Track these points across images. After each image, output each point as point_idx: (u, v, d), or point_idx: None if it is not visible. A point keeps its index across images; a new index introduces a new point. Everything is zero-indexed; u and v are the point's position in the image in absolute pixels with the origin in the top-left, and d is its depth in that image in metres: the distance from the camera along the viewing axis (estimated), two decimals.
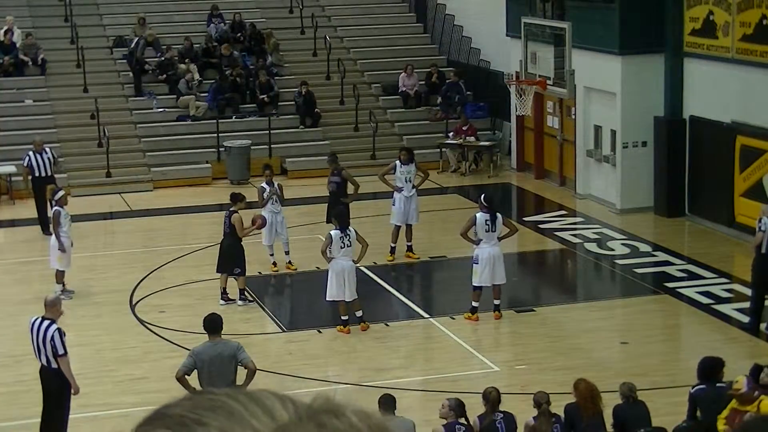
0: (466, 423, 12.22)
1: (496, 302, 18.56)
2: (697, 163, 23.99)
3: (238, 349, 13.18)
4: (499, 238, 18.46)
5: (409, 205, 21.78)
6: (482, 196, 19.13)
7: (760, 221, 17.87)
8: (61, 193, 20.13)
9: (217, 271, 19.50)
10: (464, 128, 29.42)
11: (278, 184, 21.43)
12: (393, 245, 21.77)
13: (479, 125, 30.49)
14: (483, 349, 17.56)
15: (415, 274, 22.07)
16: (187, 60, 31.20)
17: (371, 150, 29.66)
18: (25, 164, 24.15)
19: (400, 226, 21.80)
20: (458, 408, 12.23)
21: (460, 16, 33.72)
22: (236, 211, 19.24)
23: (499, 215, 18.52)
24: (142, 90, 30.82)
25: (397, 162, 21.96)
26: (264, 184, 21.04)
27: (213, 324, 13.43)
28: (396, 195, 21.82)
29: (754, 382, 11.95)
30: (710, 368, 12.59)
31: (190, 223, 25.56)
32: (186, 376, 13.02)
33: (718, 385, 12.47)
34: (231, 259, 19.24)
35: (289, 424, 1.55)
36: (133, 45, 31.29)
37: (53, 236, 19.83)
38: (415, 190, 21.89)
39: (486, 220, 18.32)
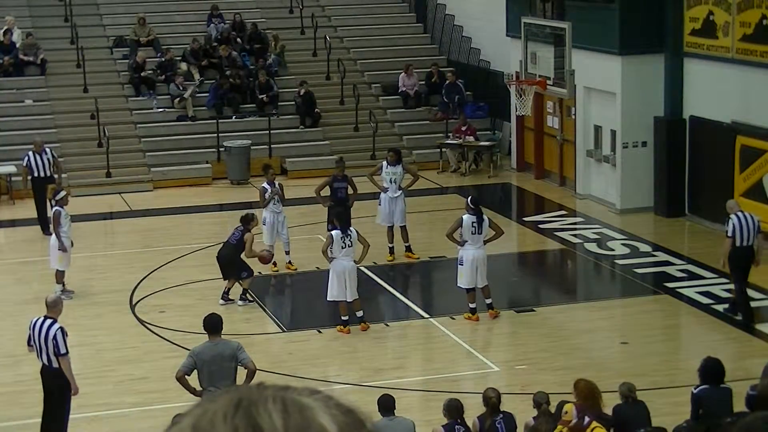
0: (464, 424, 12.22)
1: (488, 301, 18.54)
2: (697, 163, 23.98)
3: (238, 349, 13.17)
4: (485, 241, 18.47)
5: (394, 206, 21.74)
6: (469, 198, 19.22)
7: (727, 222, 18.05)
8: (62, 193, 20.12)
9: (224, 279, 19.49)
10: (463, 128, 29.43)
11: (279, 184, 21.44)
12: (390, 245, 21.77)
13: (479, 125, 30.49)
14: (483, 349, 17.57)
15: (414, 274, 22.07)
16: (203, 61, 31.21)
17: (371, 150, 29.65)
18: (24, 164, 24.15)
19: (391, 226, 21.80)
20: (454, 411, 12.21)
21: (460, 16, 33.72)
22: (249, 230, 19.26)
23: (485, 218, 18.53)
24: (142, 90, 30.82)
25: (384, 162, 22.01)
26: (265, 185, 21.04)
27: (213, 324, 13.43)
28: (381, 195, 21.85)
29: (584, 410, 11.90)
30: (715, 369, 12.56)
31: (190, 223, 25.56)
32: (186, 377, 13.03)
33: (722, 386, 12.45)
34: (233, 267, 19.25)
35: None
36: (132, 61, 31.22)
37: (53, 236, 19.83)
38: (401, 192, 21.85)
39: (473, 222, 18.32)
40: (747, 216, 17.91)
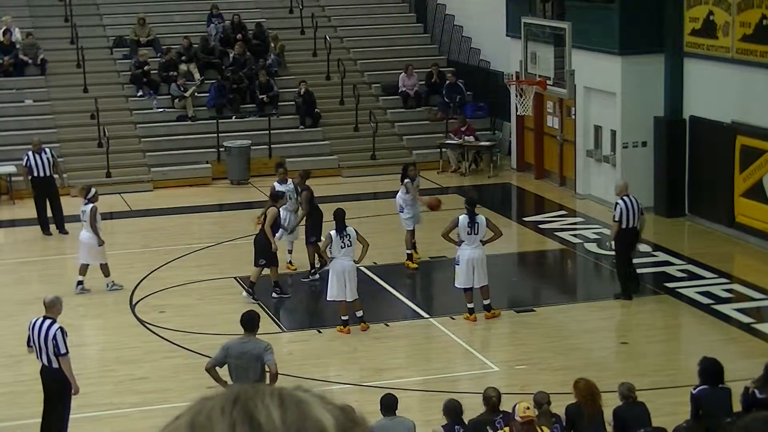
0: (464, 425, 12.22)
1: (485, 302, 18.53)
2: (697, 163, 23.98)
3: (265, 349, 13.24)
4: (483, 242, 18.44)
5: (415, 208, 21.69)
6: (466, 198, 19.22)
7: (615, 207, 19.32)
8: (93, 190, 20.39)
9: (255, 266, 19.50)
10: (462, 129, 29.43)
11: (293, 181, 21.39)
12: (409, 252, 21.59)
13: (479, 125, 30.49)
14: (483, 349, 17.57)
15: (415, 274, 22.05)
16: (200, 61, 31.20)
17: (371, 150, 29.66)
18: (24, 164, 24.17)
19: (413, 230, 21.62)
20: (453, 411, 12.20)
21: (460, 16, 33.72)
22: (275, 206, 19.31)
23: (482, 218, 18.49)
24: (144, 89, 30.82)
25: (408, 180, 21.70)
26: (276, 183, 21.03)
27: (249, 321, 13.59)
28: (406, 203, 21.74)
29: None
30: (713, 369, 12.55)
31: (190, 223, 25.56)
32: (217, 368, 13.13)
33: (721, 386, 12.46)
34: (259, 250, 19.26)
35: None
36: (135, 60, 31.20)
37: (84, 231, 20.07)
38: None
39: (468, 222, 18.31)
40: (632, 199, 19.18)
